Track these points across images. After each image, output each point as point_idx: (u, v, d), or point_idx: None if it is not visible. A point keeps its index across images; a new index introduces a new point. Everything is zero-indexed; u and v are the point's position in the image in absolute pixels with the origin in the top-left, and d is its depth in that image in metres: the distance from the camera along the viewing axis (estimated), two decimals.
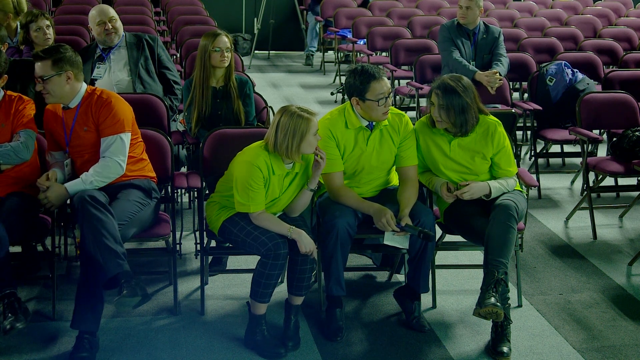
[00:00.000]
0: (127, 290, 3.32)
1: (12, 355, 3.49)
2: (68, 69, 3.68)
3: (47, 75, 3.65)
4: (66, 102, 3.74)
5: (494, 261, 3.54)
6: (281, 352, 3.54)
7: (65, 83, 3.68)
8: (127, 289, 3.32)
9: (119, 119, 3.73)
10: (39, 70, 3.67)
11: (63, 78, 3.67)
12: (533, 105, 5.86)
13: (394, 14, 8.97)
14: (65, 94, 3.71)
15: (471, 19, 5.95)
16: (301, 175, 3.66)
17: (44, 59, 3.65)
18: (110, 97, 3.77)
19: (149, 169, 3.91)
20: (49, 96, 3.71)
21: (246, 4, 11.17)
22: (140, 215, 3.67)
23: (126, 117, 3.77)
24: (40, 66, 3.66)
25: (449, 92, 3.74)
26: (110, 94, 3.82)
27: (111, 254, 3.34)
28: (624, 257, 4.75)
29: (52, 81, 3.65)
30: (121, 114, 3.74)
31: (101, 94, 3.78)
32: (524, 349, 3.68)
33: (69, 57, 3.70)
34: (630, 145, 5.08)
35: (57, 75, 3.65)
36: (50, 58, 3.65)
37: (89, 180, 3.65)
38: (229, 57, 4.51)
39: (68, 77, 3.68)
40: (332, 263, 3.69)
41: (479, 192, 3.79)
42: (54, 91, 3.68)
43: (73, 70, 3.70)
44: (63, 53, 3.69)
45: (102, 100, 3.75)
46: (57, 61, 3.65)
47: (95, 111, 3.73)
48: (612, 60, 7.31)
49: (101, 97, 3.76)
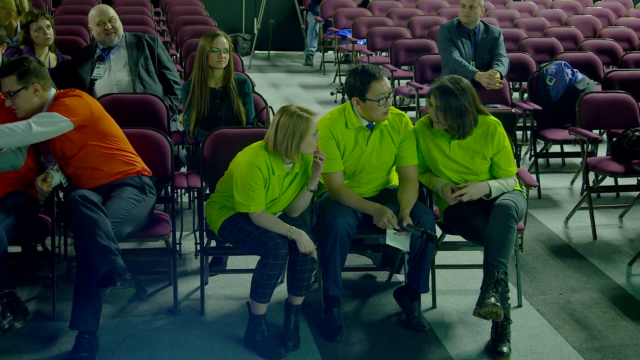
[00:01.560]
0: (120, 282, 3.30)
1: (12, 355, 3.49)
2: (34, 81, 3.60)
3: (13, 90, 3.58)
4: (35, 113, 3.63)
5: (494, 261, 3.54)
6: (281, 352, 3.54)
7: (34, 95, 3.62)
8: (119, 281, 3.30)
9: (67, 107, 3.60)
10: (5, 86, 3.59)
11: (30, 91, 3.60)
12: (533, 105, 5.86)
13: (393, 14, 8.97)
14: (34, 107, 3.63)
15: (474, 18, 5.95)
16: (301, 176, 3.66)
17: (9, 74, 3.58)
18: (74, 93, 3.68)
19: (138, 162, 3.85)
20: (18, 111, 3.63)
21: (246, 4, 11.17)
22: (135, 212, 3.66)
23: (76, 110, 3.62)
24: (6, 82, 3.59)
25: (447, 94, 3.73)
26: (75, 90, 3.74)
27: (104, 251, 3.33)
28: (624, 257, 4.75)
29: (19, 96, 3.59)
30: (72, 105, 3.62)
31: (67, 92, 3.71)
32: (523, 349, 3.68)
33: (34, 68, 3.61)
34: (630, 145, 5.08)
35: (24, 89, 3.58)
36: (14, 72, 3.57)
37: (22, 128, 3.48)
38: (226, 58, 4.50)
39: (35, 89, 3.61)
40: (330, 263, 3.69)
41: (479, 193, 3.79)
42: (23, 105, 3.61)
43: (39, 81, 3.63)
44: (27, 66, 3.60)
45: (66, 94, 3.68)
46: (22, 75, 3.58)
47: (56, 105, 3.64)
48: (612, 60, 7.31)
49: (67, 93, 3.69)
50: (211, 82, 4.55)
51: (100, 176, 3.72)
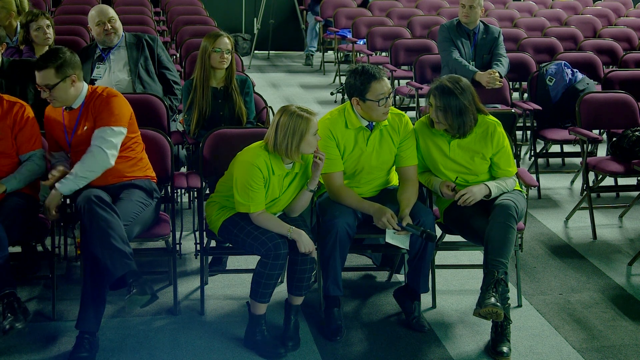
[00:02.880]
0: (136, 289, 3.31)
1: (12, 355, 3.49)
2: (71, 72, 3.62)
3: (52, 83, 3.58)
4: (71, 103, 3.70)
5: (494, 261, 3.54)
6: (281, 352, 3.54)
7: (71, 86, 3.64)
8: (136, 287, 3.31)
9: (114, 112, 3.67)
10: (43, 79, 3.59)
11: (68, 82, 3.62)
12: (533, 105, 5.86)
13: (393, 14, 8.97)
14: (70, 97, 3.67)
15: (473, 18, 5.96)
16: (301, 176, 3.66)
17: (46, 68, 3.58)
18: (110, 94, 3.73)
19: (149, 168, 3.89)
20: (55, 102, 3.65)
21: (246, 4, 11.17)
22: (142, 215, 3.67)
23: (122, 113, 3.71)
24: (43, 75, 3.58)
25: (447, 94, 3.73)
26: (112, 91, 3.78)
27: (119, 254, 3.33)
28: (624, 257, 4.75)
29: (58, 88, 3.60)
30: (117, 109, 3.69)
31: (103, 91, 3.74)
32: (523, 349, 3.68)
33: (69, 59, 3.63)
34: (630, 145, 5.08)
35: (62, 81, 3.60)
36: (52, 65, 3.57)
37: (76, 174, 3.57)
38: (228, 59, 4.51)
39: (72, 80, 3.64)
40: (330, 263, 3.69)
41: (479, 195, 3.78)
42: (61, 97, 3.63)
43: (76, 71, 3.66)
44: (63, 57, 3.61)
45: (102, 97, 3.71)
46: (60, 67, 3.58)
47: (95, 109, 3.69)
48: (611, 60, 7.31)
49: (102, 95, 3.72)
50: (213, 82, 4.56)
51: (112, 174, 3.71)
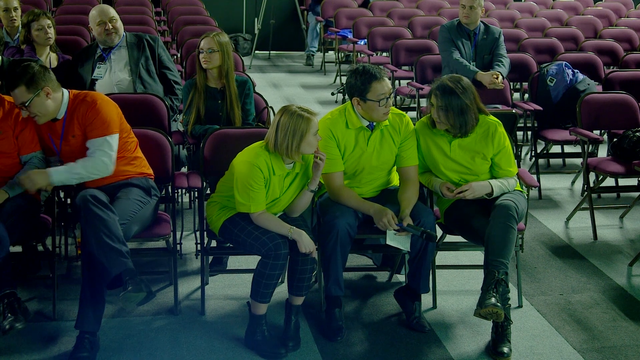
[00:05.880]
0: (132, 286, 3.32)
1: (12, 355, 3.49)
2: (43, 84, 3.56)
3: (26, 99, 3.54)
4: (54, 115, 3.66)
5: (495, 261, 3.54)
6: (281, 352, 3.54)
7: (46, 99, 3.58)
8: (132, 285, 3.32)
9: (105, 121, 3.65)
10: (18, 98, 3.55)
11: (42, 96, 3.57)
12: (533, 106, 5.86)
13: (394, 14, 8.97)
14: (51, 110, 3.62)
15: (474, 18, 5.95)
16: (302, 176, 3.66)
17: (17, 86, 3.52)
18: (95, 100, 3.69)
19: (145, 165, 3.88)
20: (38, 118, 3.61)
21: (247, 4, 11.17)
22: (141, 213, 3.67)
23: (112, 118, 3.68)
24: (16, 94, 3.55)
25: (448, 93, 3.73)
26: (95, 95, 3.74)
27: (114, 252, 3.33)
28: (625, 258, 4.75)
29: (33, 104, 3.55)
30: (107, 116, 3.66)
31: (85, 97, 3.69)
32: (524, 349, 3.68)
33: (38, 72, 3.57)
34: (631, 146, 5.08)
35: (36, 96, 3.55)
36: (22, 82, 3.52)
37: (75, 170, 3.59)
38: (212, 58, 4.48)
39: (47, 92, 3.58)
40: (331, 263, 3.69)
41: (481, 191, 3.79)
42: (40, 112, 3.59)
43: (48, 84, 3.59)
44: (31, 72, 3.55)
45: (87, 103, 3.67)
46: (30, 82, 3.53)
47: (81, 116, 3.65)
48: (612, 60, 7.31)
49: (86, 101, 3.68)
50: (211, 82, 4.56)
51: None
